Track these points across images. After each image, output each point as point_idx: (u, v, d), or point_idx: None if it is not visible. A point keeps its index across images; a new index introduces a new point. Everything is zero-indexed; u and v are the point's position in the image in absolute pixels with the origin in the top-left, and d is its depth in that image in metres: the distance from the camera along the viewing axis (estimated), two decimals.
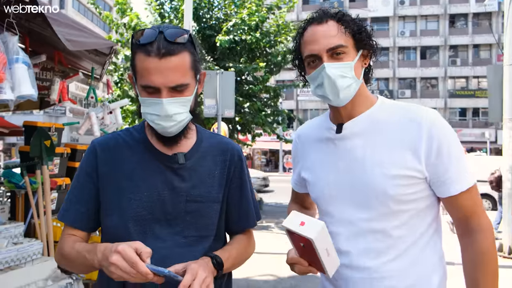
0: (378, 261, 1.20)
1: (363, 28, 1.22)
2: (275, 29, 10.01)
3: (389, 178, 1.16)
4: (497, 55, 33.77)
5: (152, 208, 1.19)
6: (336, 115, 1.31)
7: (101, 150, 1.24)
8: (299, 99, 35.53)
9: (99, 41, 3.84)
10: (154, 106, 1.14)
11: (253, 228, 1.41)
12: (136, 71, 1.14)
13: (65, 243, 1.21)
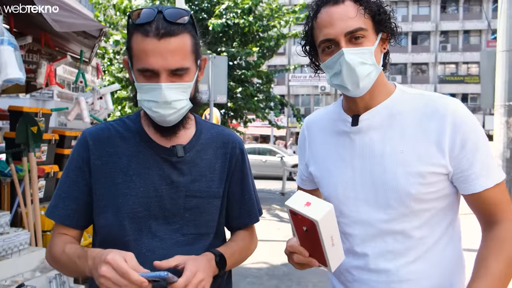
0: (397, 263, 1.11)
1: (383, 8, 1.09)
2: (268, 12, 9.83)
3: (411, 177, 1.06)
4: (486, 41, 33.90)
5: (148, 204, 1.11)
6: (351, 106, 1.18)
7: (93, 142, 1.14)
8: (291, 84, 35.39)
9: (88, 22, 3.68)
10: (151, 92, 1.04)
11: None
12: (133, 54, 1.05)
13: (55, 244, 1.13)
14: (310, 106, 35.74)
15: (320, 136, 1.27)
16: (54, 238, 1.15)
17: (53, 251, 1.12)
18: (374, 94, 1.13)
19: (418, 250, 1.11)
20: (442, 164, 1.06)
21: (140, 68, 1.04)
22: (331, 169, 1.20)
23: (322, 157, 1.25)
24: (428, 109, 1.09)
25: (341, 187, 1.17)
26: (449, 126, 1.06)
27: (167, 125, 1.10)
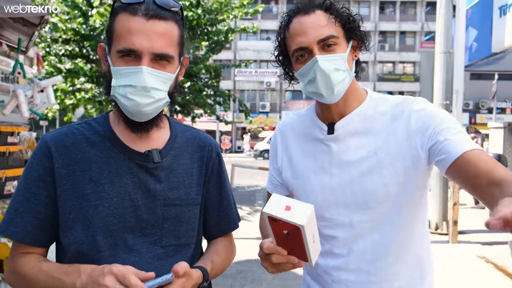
0: (376, 264, 1.15)
1: (353, 17, 1.14)
2: (217, 6, 9.68)
3: (388, 177, 1.11)
4: (420, 42, 35.98)
5: (123, 215, 1.01)
6: (325, 113, 1.21)
7: (56, 148, 1.01)
8: (236, 79, 35.33)
9: (26, 6, 3.38)
10: (129, 76, 0.95)
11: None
12: (114, 36, 0.96)
13: (25, 264, 1.00)
14: (256, 102, 35.92)
15: (295, 142, 1.28)
16: (19, 258, 1.01)
17: (24, 271, 0.98)
18: (348, 101, 1.17)
19: (396, 250, 1.15)
20: (416, 155, 1.09)
21: (121, 48, 0.95)
22: (309, 176, 1.22)
23: (298, 163, 1.25)
24: (396, 111, 1.15)
25: (320, 192, 1.19)
26: (414, 116, 1.11)
27: (139, 119, 1.01)
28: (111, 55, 0.99)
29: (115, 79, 0.97)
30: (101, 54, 1.04)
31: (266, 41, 36.60)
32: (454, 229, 6.18)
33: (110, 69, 0.99)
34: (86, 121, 1.10)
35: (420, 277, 1.19)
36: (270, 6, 36.46)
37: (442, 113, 1.11)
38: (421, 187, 1.15)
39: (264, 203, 7.83)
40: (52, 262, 1.00)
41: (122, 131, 1.06)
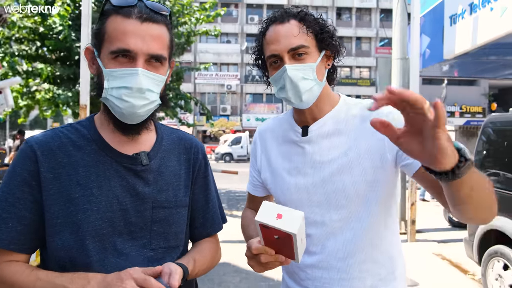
0: (347, 261, 1.20)
1: (326, 28, 1.19)
2: (179, 8, 9.59)
3: (357, 176, 1.16)
4: (375, 48, 37.32)
5: (112, 219, 1.00)
6: (301, 117, 1.27)
7: (41, 152, 0.99)
8: (197, 82, 35.08)
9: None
10: (124, 78, 0.95)
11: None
12: (105, 38, 0.96)
13: (17, 272, 0.96)
14: (217, 104, 35.81)
15: (273, 144, 1.34)
16: (6, 267, 0.97)
17: (17, 280, 0.95)
18: (320, 106, 1.23)
19: (366, 248, 1.19)
20: (387, 159, 1.15)
21: (115, 49, 0.95)
22: (285, 176, 1.27)
23: (276, 164, 1.31)
24: (366, 113, 1.19)
25: (295, 192, 1.24)
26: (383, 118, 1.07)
27: (131, 121, 1.01)
28: (101, 57, 0.99)
29: (107, 81, 0.97)
30: (89, 57, 1.03)
31: (226, 44, 36.64)
32: (412, 229, 6.46)
33: (99, 71, 0.99)
34: (71, 124, 1.08)
35: (392, 275, 1.24)
36: (230, 9, 36.53)
37: None
38: (390, 187, 1.20)
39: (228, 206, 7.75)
40: (48, 271, 0.97)
41: (109, 134, 1.05)
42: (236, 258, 5.30)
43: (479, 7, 6.15)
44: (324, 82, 1.21)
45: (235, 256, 5.43)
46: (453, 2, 7.05)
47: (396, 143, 0.82)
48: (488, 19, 5.91)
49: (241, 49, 36.52)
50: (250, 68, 26.67)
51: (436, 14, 8.09)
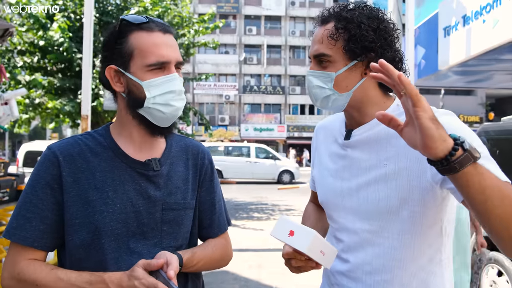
0: (373, 277, 1.12)
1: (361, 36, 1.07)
2: (178, 21, 9.75)
3: (391, 190, 1.08)
4: None
5: (126, 220, 1.09)
6: (347, 119, 1.22)
7: (63, 158, 1.08)
8: (195, 92, 35.28)
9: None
10: (167, 84, 1.07)
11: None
12: (134, 54, 1.06)
13: (36, 270, 1.04)
14: (215, 114, 35.96)
15: (324, 143, 1.32)
16: (26, 265, 1.05)
17: (37, 279, 1.03)
18: (364, 111, 1.15)
19: (395, 269, 1.10)
20: (426, 180, 1.03)
21: (153, 62, 1.06)
22: (326, 177, 1.26)
23: (321, 164, 1.30)
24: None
25: (331, 195, 1.23)
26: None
27: (167, 124, 1.12)
28: (133, 72, 1.08)
29: (148, 92, 1.06)
30: (111, 75, 1.11)
31: (225, 55, 36.91)
32: None
33: (131, 86, 1.09)
34: (88, 132, 1.17)
35: None
36: (228, 21, 36.89)
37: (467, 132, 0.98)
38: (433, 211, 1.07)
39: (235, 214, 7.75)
40: (67, 270, 1.05)
41: (124, 142, 1.14)
42: (235, 266, 5.36)
43: (472, 19, 6.30)
44: (350, 92, 1.12)
45: (234, 264, 5.49)
46: (446, 14, 7.21)
47: (401, 135, 0.84)
48: (481, 31, 6.06)
49: (239, 59, 36.80)
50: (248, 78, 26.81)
51: (431, 26, 8.26)
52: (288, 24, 38.03)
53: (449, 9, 7.10)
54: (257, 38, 37.33)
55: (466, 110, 34.91)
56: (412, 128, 0.81)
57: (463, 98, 33.92)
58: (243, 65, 37.16)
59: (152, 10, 8.72)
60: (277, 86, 37.51)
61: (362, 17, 1.09)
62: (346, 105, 1.15)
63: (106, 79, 1.12)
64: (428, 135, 0.76)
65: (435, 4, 8.16)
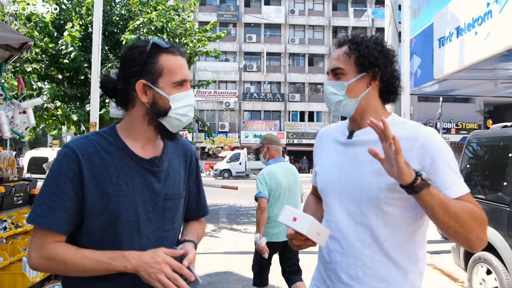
0: (363, 251, 1.37)
1: (370, 53, 1.38)
2: (182, 31, 10.00)
3: (381, 183, 1.31)
4: None
5: (136, 209, 1.28)
6: (351, 123, 1.50)
7: (82, 155, 1.25)
8: (196, 99, 35.40)
9: (14, 35, 3.58)
10: (187, 98, 1.31)
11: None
12: (164, 72, 1.28)
13: (64, 251, 1.22)
14: (215, 121, 36.22)
15: (326, 143, 1.59)
16: (54, 246, 1.23)
17: (65, 257, 1.21)
18: (364, 118, 1.42)
19: (381, 244, 1.35)
20: None
21: (179, 80, 1.29)
22: (326, 169, 1.54)
23: (323, 159, 1.58)
24: (406, 134, 1.31)
25: (330, 183, 1.49)
26: (421, 148, 1.29)
27: (177, 130, 1.35)
28: (161, 87, 1.28)
29: (173, 104, 1.29)
30: (141, 89, 1.29)
31: (225, 62, 37.24)
32: None
33: (156, 98, 1.29)
34: (98, 132, 1.34)
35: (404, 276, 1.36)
36: (229, 28, 37.27)
37: (445, 149, 1.29)
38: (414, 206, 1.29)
39: (228, 220, 7.96)
40: (91, 250, 1.23)
41: (131, 142, 1.32)
42: (238, 267, 5.57)
43: (465, 31, 6.57)
44: (358, 99, 1.41)
45: (236, 266, 5.70)
46: (441, 25, 7.48)
47: (382, 165, 1.21)
48: (473, 42, 6.32)
49: (239, 67, 37.14)
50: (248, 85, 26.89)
51: (426, 36, 8.52)
52: (288, 32, 38.42)
53: (444, 20, 7.37)
54: (257, 46, 37.74)
55: (464, 117, 35.17)
56: (390, 164, 1.20)
57: (462, 105, 34.19)
58: (243, 72, 37.49)
59: (157, 21, 8.97)
60: (277, 93, 37.82)
61: (370, 42, 1.42)
62: (354, 110, 1.44)
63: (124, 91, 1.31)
64: (402, 172, 1.16)
65: (430, 16, 8.44)
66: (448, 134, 34.40)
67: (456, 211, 1.20)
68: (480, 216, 1.24)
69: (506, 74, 7.78)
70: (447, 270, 5.67)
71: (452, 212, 1.20)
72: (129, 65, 1.30)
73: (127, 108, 1.35)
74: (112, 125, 1.37)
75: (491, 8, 5.81)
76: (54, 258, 1.22)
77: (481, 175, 4.44)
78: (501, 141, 4.11)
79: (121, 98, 1.34)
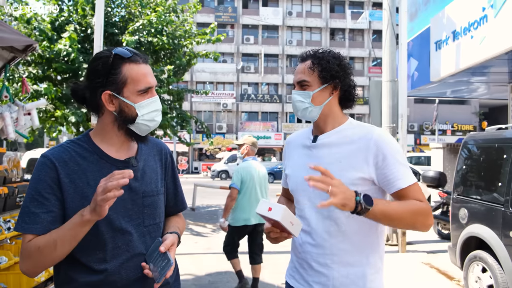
0: (330, 241, 1.58)
1: (331, 67, 1.60)
2: (182, 34, 10.06)
3: (345, 179, 1.47)
4: (368, 67, 38.11)
5: (116, 208, 1.32)
6: (315, 128, 1.71)
7: (58, 162, 1.32)
8: (193, 100, 35.58)
9: (20, 38, 3.64)
10: (153, 104, 1.38)
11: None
12: (128, 82, 1.34)
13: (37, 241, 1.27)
14: (213, 123, 36.26)
15: (294, 148, 1.79)
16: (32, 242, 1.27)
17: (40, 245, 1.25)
18: (327, 123, 1.66)
19: (345, 234, 1.56)
20: (367, 172, 1.53)
21: (143, 88, 1.35)
22: (296, 170, 1.71)
23: (293, 162, 1.76)
24: (362, 135, 1.57)
25: (300, 183, 1.64)
26: (374, 147, 1.53)
27: (146, 133, 1.41)
28: (126, 96, 1.34)
29: (141, 110, 1.35)
30: (106, 99, 1.34)
31: (222, 64, 37.31)
32: (403, 240, 6.84)
33: (122, 107, 1.35)
34: (72, 140, 1.41)
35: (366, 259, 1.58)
36: (226, 30, 37.35)
37: (394, 146, 1.54)
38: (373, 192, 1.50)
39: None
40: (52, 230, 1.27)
41: (106, 146, 1.39)
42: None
43: (461, 35, 6.69)
44: (322, 106, 1.62)
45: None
46: (438, 29, 7.60)
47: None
48: (469, 46, 6.43)
49: (237, 68, 37.23)
50: (245, 87, 26.96)
51: (423, 39, 8.64)
52: (285, 33, 38.54)
53: (440, 24, 7.48)
54: (254, 47, 37.83)
55: (460, 119, 35.43)
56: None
57: (457, 107, 34.44)
58: (241, 74, 37.58)
59: (157, 23, 9.03)
60: (274, 94, 37.94)
61: (330, 56, 1.63)
62: (319, 115, 1.64)
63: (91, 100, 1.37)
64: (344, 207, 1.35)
65: (427, 19, 8.56)
66: (444, 135, 34.64)
67: (399, 215, 1.45)
68: (422, 209, 1.48)
69: (499, 77, 7.91)
70: (443, 269, 5.75)
71: (396, 217, 1.45)
72: (94, 76, 1.36)
73: (97, 114, 1.42)
74: (85, 132, 1.44)
75: (487, 12, 5.92)
76: (33, 252, 1.27)
77: (476, 176, 4.53)
78: (496, 143, 4.21)
79: (91, 106, 1.40)
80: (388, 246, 7.31)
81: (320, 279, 1.59)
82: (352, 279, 1.56)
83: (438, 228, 8.03)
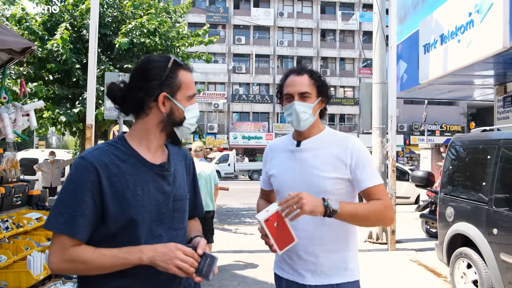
0: (316, 233, 1.78)
1: (324, 83, 1.85)
2: (175, 35, 10.12)
3: (327, 179, 1.76)
4: (358, 68, 38.41)
5: (151, 211, 1.38)
6: (298, 135, 1.90)
7: (99, 165, 1.32)
8: None
9: (19, 40, 3.70)
10: (196, 109, 1.49)
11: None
12: (182, 87, 1.43)
13: (84, 252, 1.29)
14: (204, 123, 36.25)
15: (277, 152, 1.97)
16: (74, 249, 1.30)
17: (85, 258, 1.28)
18: (311, 130, 1.85)
19: (329, 226, 1.76)
20: (345, 173, 1.77)
21: (192, 94, 1.47)
22: (282, 171, 1.90)
23: (278, 164, 1.93)
24: (339, 142, 1.82)
25: (287, 184, 1.85)
26: (349, 153, 1.77)
27: (185, 136, 1.52)
28: (178, 99, 1.43)
29: (187, 114, 1.44)
30: (162, 100, 1.41)
31: (214, 64, 37.31)
32: (392, 238, 7.00)
33: (173, 109, 1.43)
34: (109, 143, 1.42)
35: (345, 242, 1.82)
36: (218, 30, 37.39)
37: (365, 153, 1.79)
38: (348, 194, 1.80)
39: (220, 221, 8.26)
40: (108, 248, 1.30)
41: (142, 150, 1.42)
42: (232, 265, 5.76)
43: (449, 39, 6.86)
44: (316, 116, 1.83)
45: (231, 264, 5.89)
46: (426, 32, 7.77)
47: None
48: (456, 50, 6.61)
49: (228, 68, 37.29)
50: (237, 87, 26.99)
51: (412, 42, 8.82)
52: (277, 34, 38.70)
53: (429, 28, 7.66)
54: (246, 48, 37.97)
55: (448, 120, 35.91)
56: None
57: (446, 108, 34.90)
58: (232, 74, 37.67)
59: (149, 24, 9.08)
60: (266, 95, 38.08)
61: (319, 74, 1.86)
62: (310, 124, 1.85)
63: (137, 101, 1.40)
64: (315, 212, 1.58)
65: (416, 23, 8.74)
66: (433, 136, 35.03)
67: (365, 214, 1.69)
68: (384, 207, 1.72)
69: (485, 80, 8.12)
70: (431, 266, 5.93)
71: (361, 217, 1.70)
72: (150, 78, 1.40)
73: (138, 115, 1.44)
74: (120, 135, 1.47)
75: (473, 17, 6.10)
76: (75, 260, 1.29)
77: (462, 176, 4.70)
78: (481, 144, 4.37)
79: (135, 106, 1.43)
80: (378, 244, 7.48)
81: (309, 267, 1.80)
82: (336, 263, 1.80)
83: (426, 226, 8.22)
